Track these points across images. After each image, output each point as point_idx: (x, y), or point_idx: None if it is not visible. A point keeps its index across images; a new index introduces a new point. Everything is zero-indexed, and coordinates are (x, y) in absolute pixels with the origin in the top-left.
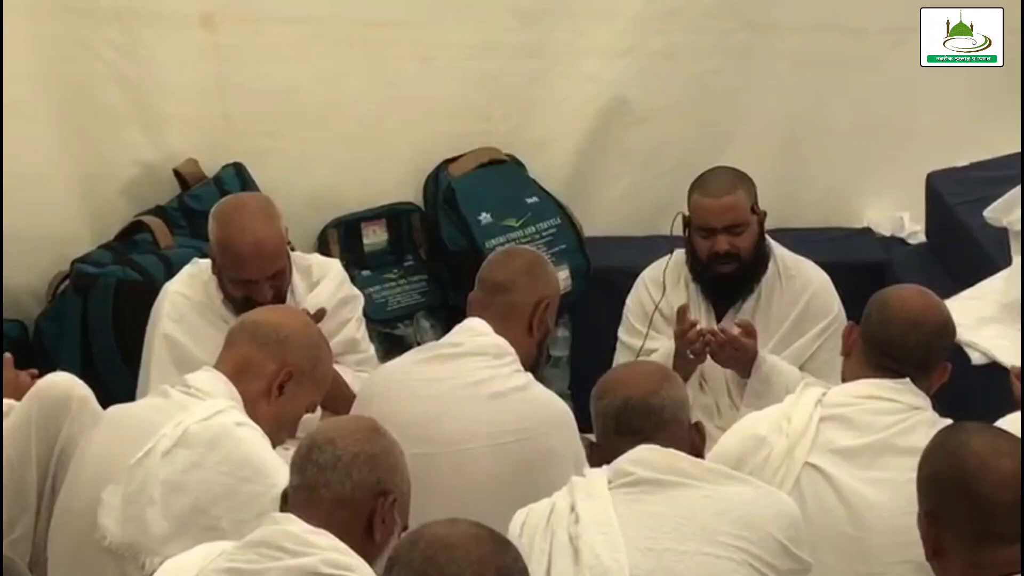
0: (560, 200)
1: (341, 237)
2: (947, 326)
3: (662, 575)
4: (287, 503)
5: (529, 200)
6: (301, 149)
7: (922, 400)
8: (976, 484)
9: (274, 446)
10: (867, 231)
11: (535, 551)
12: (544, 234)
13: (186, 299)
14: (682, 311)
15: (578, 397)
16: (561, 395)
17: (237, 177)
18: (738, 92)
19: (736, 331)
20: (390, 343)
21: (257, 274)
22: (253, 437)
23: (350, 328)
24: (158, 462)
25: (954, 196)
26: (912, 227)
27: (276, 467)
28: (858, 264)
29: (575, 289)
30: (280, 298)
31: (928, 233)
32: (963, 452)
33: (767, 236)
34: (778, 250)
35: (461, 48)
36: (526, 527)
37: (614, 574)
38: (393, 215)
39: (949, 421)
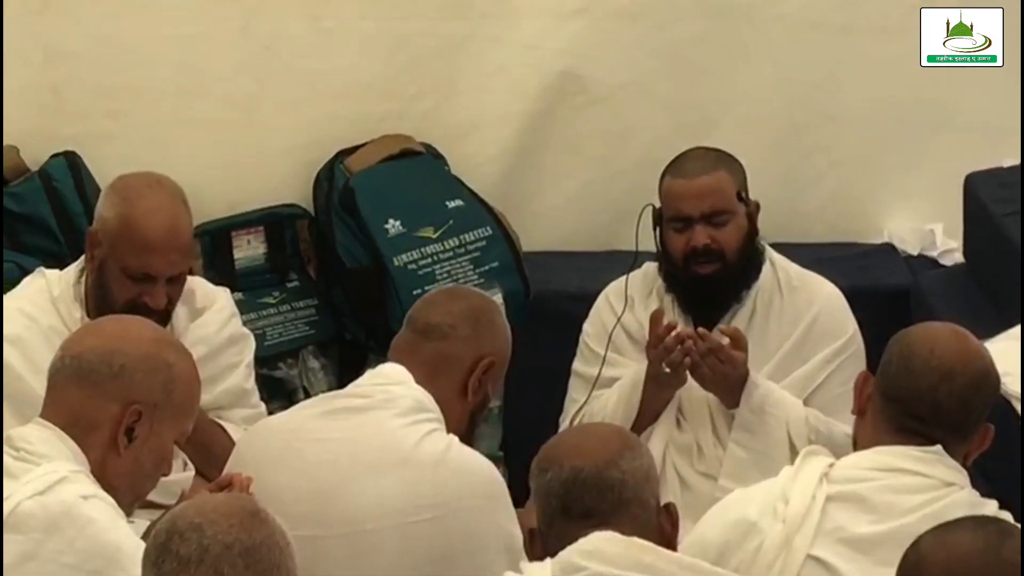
0: (491, 204)
1: (205, 249)
2: (988, 376)
3: None
4: None
5: (451, 204)
6: (152, 135)
7: (957, 474)
8: None
9: (142, 497)
10: (888, 248)
11: None
12: (470, 248)
13: (28, 319)
14: (656, 316)
15: (513, 461)
16: (491, 458)
17: (69, 170)
18: (722, 65)
19: (723, 340)
20: (269, 388)
21: (164, 268)
22: (105, 515)
23: (238, 375)
24: None
25: (1000, 204)
26: (946, 243)
27: (134, 556)
28: (877, 290)
29: (510, 320)
30: (167, 315)
31: (966, 251)
32: None
33: (763, 243)
34: (779, 260)
35: (361, 3)
36: None
37: None
38: (273, 221)
39: (992, 502)
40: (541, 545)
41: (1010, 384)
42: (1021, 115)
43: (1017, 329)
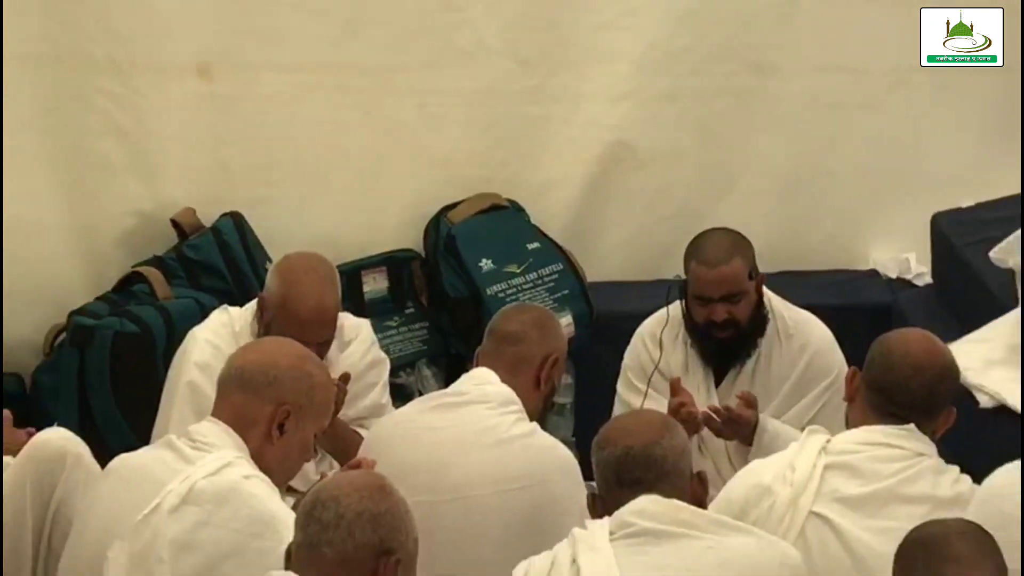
0: (562, 245)
1: (341, 285)
2: (951, 369)
3: None
4: (290, 560)
5: (530, 246)
6: (299, 197)
7: (927, 446)
8: None
9: (291, 478)
10: (873, 273)
11: None
12: (546, 280)
13: (215, 348)
14: (675, 384)
15: (582, 445)
16: (565, 442)
17: (235, 227)
18: (742, 135)
19: (735, 402)
20: (393, 392)
21: (312, 339)
22: (263, 491)
23: (376, 393)
24: (165, 519)
25: (959, 237)
26: (918, 268)
27: (287, 521)
28: (864, 307)
29: (578, 336)
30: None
31: (934, 274)
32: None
33: (766, 291)
34: (778, 307)
35: (460, 94)
36: None
37: None
38: (393, 263)
39: (955, 468)
40: (601, 506)
41: (971, 377)
42: (1021, 114)
43: (973, 334)
